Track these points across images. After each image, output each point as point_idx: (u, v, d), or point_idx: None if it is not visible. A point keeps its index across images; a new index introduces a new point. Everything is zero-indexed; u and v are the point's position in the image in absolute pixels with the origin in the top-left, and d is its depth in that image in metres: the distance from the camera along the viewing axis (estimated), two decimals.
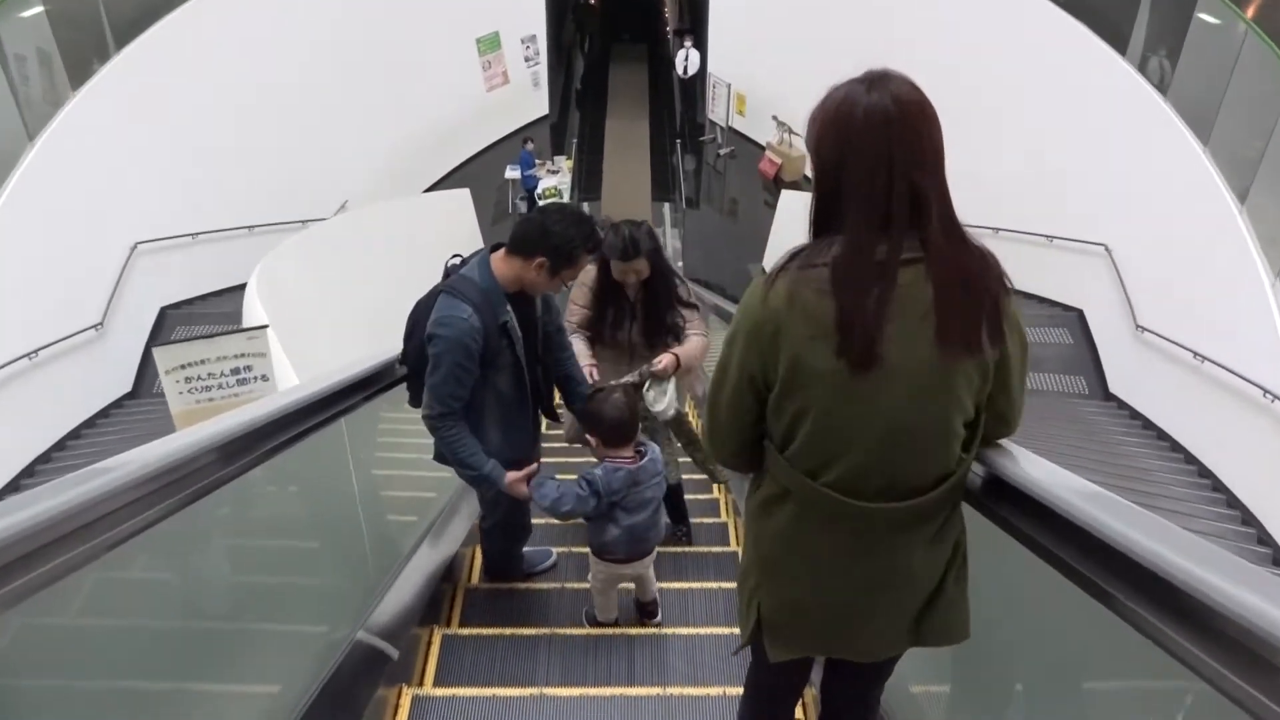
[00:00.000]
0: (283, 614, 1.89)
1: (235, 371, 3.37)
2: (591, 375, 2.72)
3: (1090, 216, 7.62)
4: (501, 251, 2.19)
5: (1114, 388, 7.14)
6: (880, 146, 1.10)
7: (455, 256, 2.36)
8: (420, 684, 2.37)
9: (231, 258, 7.82)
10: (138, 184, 7.54)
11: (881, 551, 1.27)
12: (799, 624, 1.38)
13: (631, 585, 2.70)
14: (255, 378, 3.36)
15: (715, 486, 4.04)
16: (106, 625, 1.28)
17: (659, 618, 2.74)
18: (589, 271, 2.84)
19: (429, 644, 2.50)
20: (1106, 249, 7.42)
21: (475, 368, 2.14)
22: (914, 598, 1.32)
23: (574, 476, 2.43)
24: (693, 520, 3.42)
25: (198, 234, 8.09)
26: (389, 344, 2.44)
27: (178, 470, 1.27)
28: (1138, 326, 6.78)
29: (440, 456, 2.33)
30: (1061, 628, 1.35)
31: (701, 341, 2.85)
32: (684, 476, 3.35)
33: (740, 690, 1.74)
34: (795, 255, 1.19)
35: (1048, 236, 8.09)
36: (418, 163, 11.60)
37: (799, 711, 2.12)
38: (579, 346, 2.80)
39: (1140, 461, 5.73)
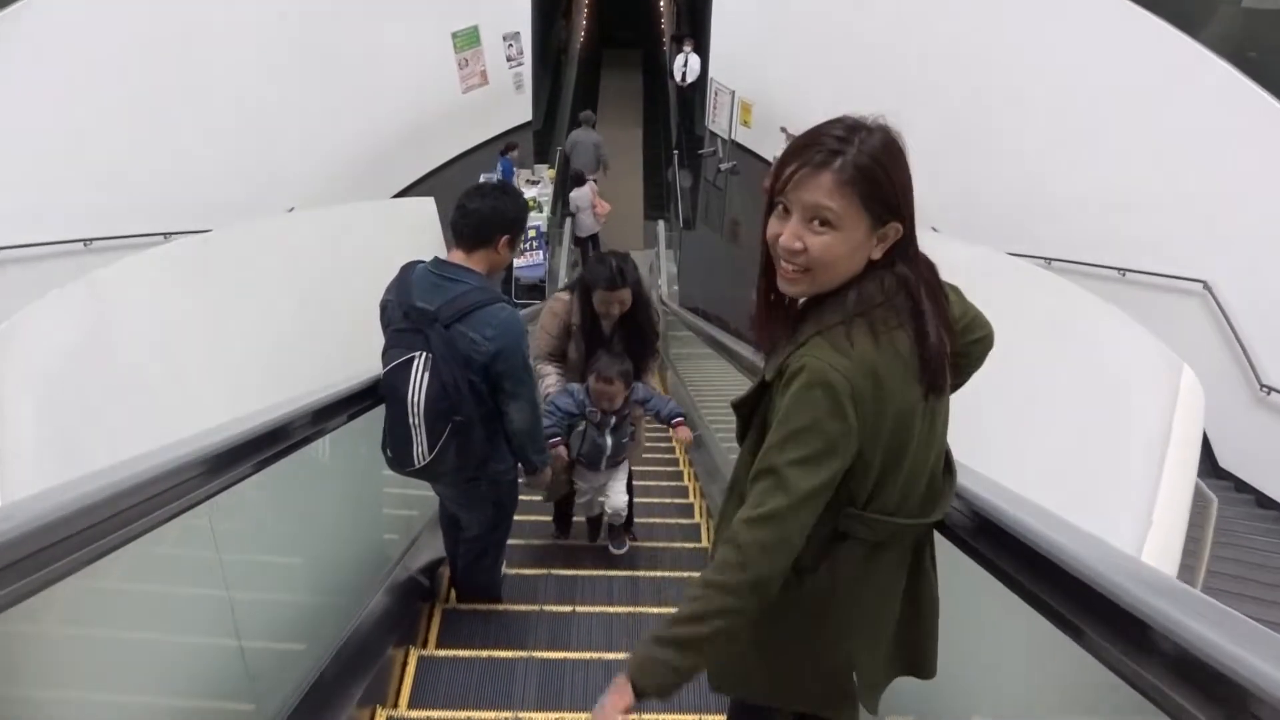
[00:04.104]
0: (256, 630, 1.77)
1: None
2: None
3: (1179, 246, 6.31)
4: (458, 254, 2.20)
5: (1225, 462, 5.73)
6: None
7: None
8: (395, 705, 2.34)
9: None
10: None
11: (921, 569, 1.30)
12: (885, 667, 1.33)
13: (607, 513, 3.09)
14: None
15: (698, 510, 4.00)
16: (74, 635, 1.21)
17: (626, 543, 3.15)
18: (559, 299, 2.83)
19: (404, 665, 2.47)
20: (1206, 286, 6.07)
21: None
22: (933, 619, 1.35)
23: None
24: (674, 545, 3.49)
25: (78, 240, 6.55)
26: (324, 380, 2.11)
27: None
28: (1262, 386, 5.40)
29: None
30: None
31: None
32: (666, 500, 3.63)
33: (716, 717, 1.83)
34: (840, 313, 1.12)
35: (1119, 270, 6.76)
36: (381, 168, 10.28)
37: None
38: (554, 379, 2.83)
39: None
